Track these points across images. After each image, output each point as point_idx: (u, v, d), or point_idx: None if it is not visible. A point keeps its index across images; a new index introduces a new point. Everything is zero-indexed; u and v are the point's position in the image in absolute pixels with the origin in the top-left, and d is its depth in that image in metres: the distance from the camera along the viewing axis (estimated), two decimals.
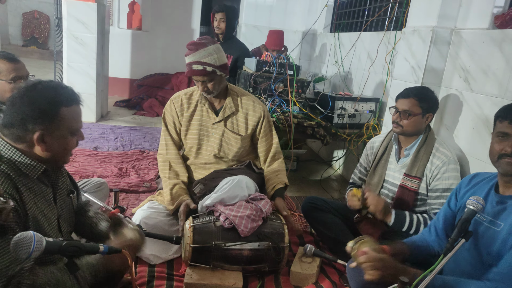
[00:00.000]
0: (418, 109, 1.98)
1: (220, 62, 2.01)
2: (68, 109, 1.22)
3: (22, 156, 1.19)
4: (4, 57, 1.81)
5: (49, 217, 1.27)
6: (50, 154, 1.22)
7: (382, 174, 2.16)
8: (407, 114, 1.98)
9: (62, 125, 1.21)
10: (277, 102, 3.12)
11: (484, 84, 2.08)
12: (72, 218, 1.45)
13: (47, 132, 1.19)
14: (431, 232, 1.64)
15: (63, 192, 1.39)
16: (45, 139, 1.19)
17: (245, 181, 2.02)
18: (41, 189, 1.26)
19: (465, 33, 2.24)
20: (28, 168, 1.20)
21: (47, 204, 1.28)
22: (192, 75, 2.02)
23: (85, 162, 3.34)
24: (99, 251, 1.15)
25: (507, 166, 1.33)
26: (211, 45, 2.00)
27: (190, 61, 1.99)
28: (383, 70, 3.29)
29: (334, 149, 4.12)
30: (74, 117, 1.25)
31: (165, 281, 1.89)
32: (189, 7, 6.27)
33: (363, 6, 4.14)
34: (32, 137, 1.18)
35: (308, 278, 1.97)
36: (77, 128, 1.27)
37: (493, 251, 1.31)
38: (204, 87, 2.04)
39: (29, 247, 0.99)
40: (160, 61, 6.32)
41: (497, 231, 1.32)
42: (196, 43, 2.00)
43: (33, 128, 1.17)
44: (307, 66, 5.21)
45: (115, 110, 5.50)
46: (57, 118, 1.20)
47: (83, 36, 4.39)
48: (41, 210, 1.24)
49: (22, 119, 1.16)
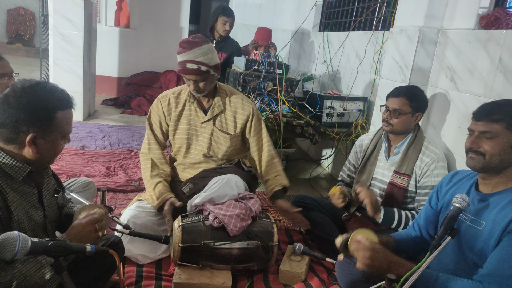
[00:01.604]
0: (408, 108, 2.01)
1: (213, 62, 2.00)
2: (62, 113, 1.22)
3: (6, 157, 1.17)
4: None
5: (35, 219, 1.26)
6: (38, 157, 1.20)
7: (371, 172, 2.18)
8: (397, 113, 2.01)
9: (56, 129, 1.21)
10: (266, 101, 3.12)
11: (469, 84, 2.11)
12: (56, 218, 1.44)
13: (40, 135, 1.18)
14: (415, 229, 1.67)
15: (48, 192, 1.36)
16: (37, 141, 1.18)
17: (234, 180, 2.02)
18: (26, 191, 1.24)
19: (451, 33, 2.27)
20: (13, 170, 1.18)
21: (32, 205, 1.26)
22: (185, 74, 1.99)
23: (72, 161, 3.30)
24: (86, 251, 1.13)
25: (469, 161, 1.39)
26: (205, 44, 1.98)
27: (183, 60, 1.97)
28: (371, 70, 3.32)
29: (323, 148, 4.14)
30: (67, 121, 1.25)
31: (154, 281, 1.88)
32: (177, 5, 6.23)
33: (352, 5, 4.16)
34: (24, 139, 1.16)
35: (297, 276, 1.98)
36: (68, 132, 1.27)
37: (476, 250, 1.33)
38: (196, 86, 2.03)
39: (14, 247, 0.97)
40: (148, 59, 6.26)
41: (479, 229, 1.34)
42: (190, 42, 1.98)
43: (27, 130, 1.15)
44: (296, 65, 5.22)
45: (103, 109, 5.44)
46: (52, 122, 1.19)
47: (70, 34, 4.32)
48: (26, 211, 1.22)
49: (16, 120, 1.14)
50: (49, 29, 4.37)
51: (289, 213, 2.15)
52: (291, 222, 2.47)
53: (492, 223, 1.30)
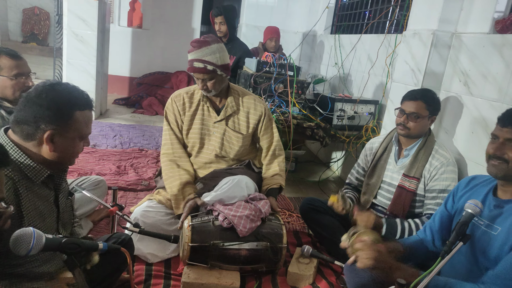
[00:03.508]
0: (425, 112, 2.00)
1: (221, 62, 2.01)
2: (81, 113, 1.24)
3: (28, 159, 1.18)
4: (7, 54, 1.81)
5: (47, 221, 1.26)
6: (56, 156, 1.22)
7: (380, 175, 2.17)
8: (415, 116, 2.00)
9: (74, 128, 1.22)
10: (277, 102, 3.13)
11: (483, 88, 2.09)
12: (71, 220, 1.45)
13: (58, 132, 1.19)
14: (427, 233, 1.64)
15: (64, 195, 1.38)
16: (54, 139, 1.19)
17: (245, 181, 2.02)
18: (43, 193, 1.25)
19: (466, 37, 2.25)
20: (33, 172, 1.19)
21: (47, 207, 1.26)
22: (192, 72, 2.02)
23: (84, 160, 3.33)
24: (98, 248, 1.15)
25: (490, 168, 1.35)
26: (214, 44, 2.00)
27: (192, 58, 2.00)
28: (383, 73, 3.30)
29: (333, 151, 4.12)
30: (86, 122, 1.27)
31: (163, 280, 1.89)
32: (190, 6, 6.27)
33: (364, 8, 4.15)
34: (42, 136, 1.17)
35: (305, 278, 1.98)
36: (86, 133, 1.28)
37: (490, 256, 1.31)
38: (203, 85, 2.04)
39: (29, 243, 0.99)
40: (160, 60, 6.32)
41: (494, 235, 1.32)
42: (200, 41, 2.00)
43: (45, 127, 1.17)
44: (307, 67, 5.22)
45: (114, 108, 5.49)
46: (70, 120, 1.21)
47: (83, 33, 4.38)
48: (40, 212, 1.23)
49: (35, 116, 1.16)
50: (63, 28, 4.44)
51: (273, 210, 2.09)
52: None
53: (507, 229, 1.28)
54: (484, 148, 1.41)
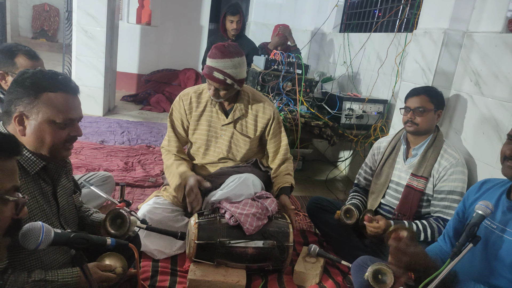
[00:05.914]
0: (430, 105, 2.01)
1: (240, 76, 2.00)
2: (53, 95, 1.18)
3: (23, 149, 1.18)
4: (26, 54, 1.81)
5: (48, 214, 1.26)
6: (33, 143, 1.19)
7: (388, 174, 2.15)
8: (421, 110, 1.99)
9: (42, 109, 1.18)
10: (285, 101, 3.12)
11: (495, 88, 2.06)
12: (74, 218, 1.44)
13: (25, 114, 1.18)
14: (446, 242, 1.61)
15: (65, 190, 1.37)
16: (24, 122, 1.18)
17: (251, 179, 2.02)
18: (39, 186, 1.24)
19: (478, 36, 2.22)
20: (28, 163, 1.19)
21: (46, 200, 1.26)
22: (210, 79, 1.99)
23: (92, 155, 3.36)
24: (106, 244, 1.15)
25: (506, 169, 1.33)
26: (237, 57, 1.97)
27: (212, 66, 1.97)
28: (392, 72, 3.27)
29: (341, 150, 4.10)
30: (58, 105, 1.19)
31: (169, 276, 1.89)
32: (198, 4, 6.27)
33: (374, 7, 4.11)
34: (14, 118, 1.18)
35: (312, 278, 1.97)
36: (62, 118, 1.20)
37: (505, 261, 1.28)
38: (215, 93, 2.03)
39: (38, 237, 1.00)
40: (168, 57, 6.33)
41: (509, 239, 1.29)
42: (224, 51, 1.96)
43: (15, 109, 1.18)
44: (315, 65, 5.19)
45: (122, 105, 5.52)
46: (37, 101, 1.17)
47: (93, 30, 4.41)
48: (40, 206, 1.23)
49: (10, 100, 1.18)
50: (72, 25, 4.47)
51: (287, 209, 2.09)
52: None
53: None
54: (495, 149, 1.38)
